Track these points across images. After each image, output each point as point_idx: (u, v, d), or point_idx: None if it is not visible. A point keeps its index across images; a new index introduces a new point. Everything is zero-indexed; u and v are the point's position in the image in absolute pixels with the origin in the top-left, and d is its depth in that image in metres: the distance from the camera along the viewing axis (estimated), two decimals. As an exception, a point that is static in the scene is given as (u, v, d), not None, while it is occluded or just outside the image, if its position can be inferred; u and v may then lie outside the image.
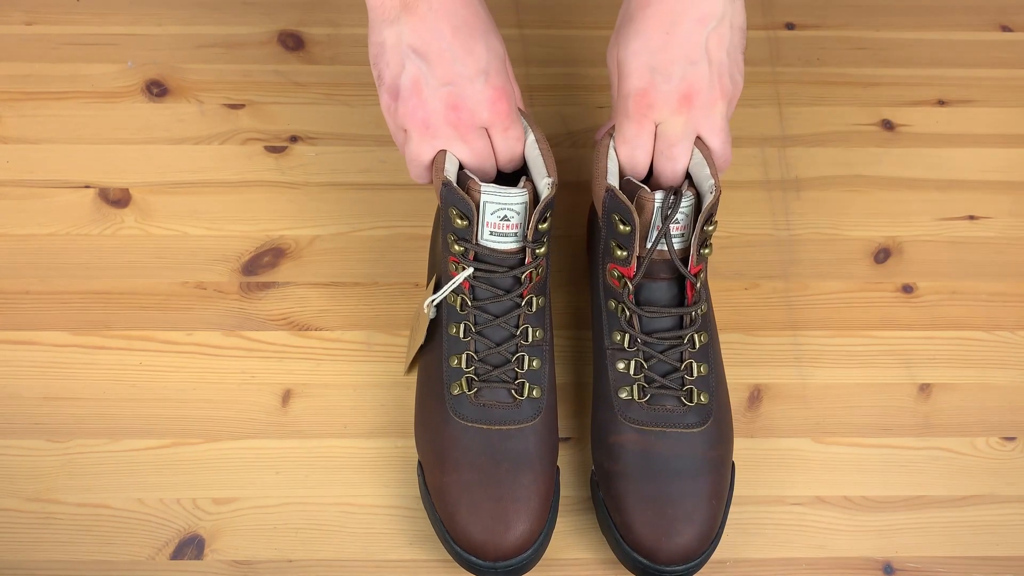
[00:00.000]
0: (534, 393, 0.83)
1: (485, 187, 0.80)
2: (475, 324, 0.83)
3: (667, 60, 0.78)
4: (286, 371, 0.93)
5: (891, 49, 1.12)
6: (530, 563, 0.82)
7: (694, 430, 0.83)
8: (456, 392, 0.83)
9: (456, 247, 0.82)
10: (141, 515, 0.88)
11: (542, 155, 0.82)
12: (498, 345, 0.83)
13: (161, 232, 0.99)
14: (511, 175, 0.86)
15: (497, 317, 0.83)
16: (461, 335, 0.84)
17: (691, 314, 0.83)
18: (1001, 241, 1.02)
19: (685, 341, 0.83)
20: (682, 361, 0.83)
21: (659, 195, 0.81)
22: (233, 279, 0.98)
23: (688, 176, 0.83)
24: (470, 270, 0.82)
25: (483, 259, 0.82)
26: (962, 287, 0.99)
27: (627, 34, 0.79)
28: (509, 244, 0.82)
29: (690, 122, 0.80)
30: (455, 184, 0.80)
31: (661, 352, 0.83)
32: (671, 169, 0.82)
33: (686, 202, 0.81)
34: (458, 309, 0.84)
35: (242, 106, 1.06)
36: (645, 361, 0.83)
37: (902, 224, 1.02)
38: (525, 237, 0.81)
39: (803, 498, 0.90)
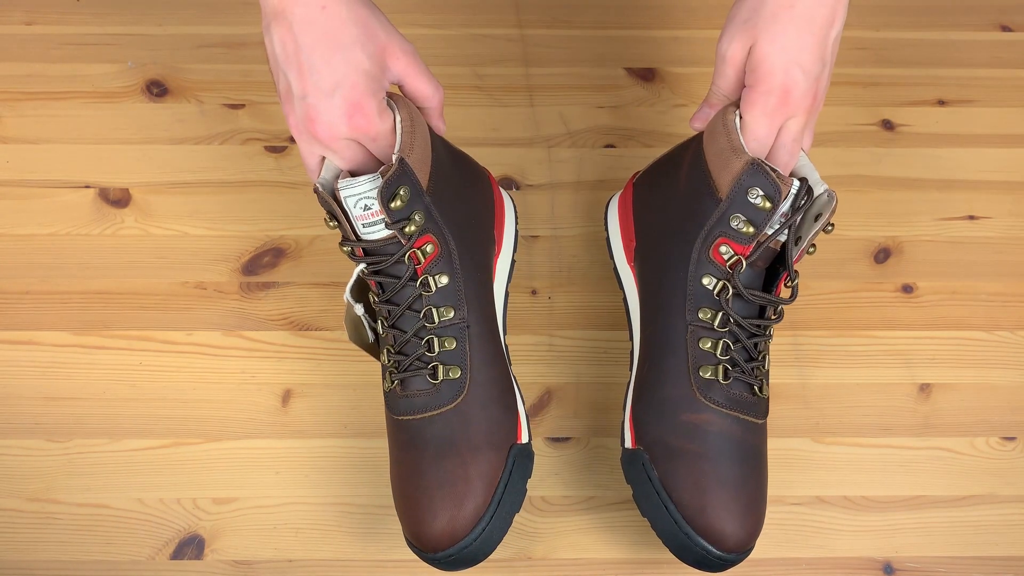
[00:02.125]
0: (451, 374, 0.81)
1: (340, 182, 0.77)
2: (388, 318, 0.82)
3: (810, 61, 0.79)
4: (286, 371, 0.93)
5: (891, 49, 1.12)
6: (480, 551, 0.79)
7: (758, 421, 0.82)
8: (387, 389, 0.82)
9: (344, 248, 0.81)
10: (141, 515, 0.88)
11: (402, 134, 0.79)
12: (410, 333, 0.82)
13: (161, 232, 0.99)
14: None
15: (402, 306, 0.82)
16: (381, 331, 0.83)
17: (779, 307, 0.83)
18: (1001, 241, 1.01)
19: (767, 332, 0.83)
20: (757, 351, 0.83)
21: (796, 184, 0.80)
22: (233, 279, 0.97)
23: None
24: (362, 265, 0.81)
25: (369, 252, 0.81)
26: (962, 287, 0.99)
27: (773, 31, 0.79)
28: (380, 232, 0.80)
29: (808, 122, 0.81)
30: (319, 190, 0.78)
31: (746, 338, 0.82)
32: (784, 164, 0.82)
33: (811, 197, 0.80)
34: (374, 307, 0.83)
35: (242, 106, 1.06)
36: (733, 343, 0.82)
37: (902, 224, 1.02)
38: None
39: (803, 498, 0.90)
